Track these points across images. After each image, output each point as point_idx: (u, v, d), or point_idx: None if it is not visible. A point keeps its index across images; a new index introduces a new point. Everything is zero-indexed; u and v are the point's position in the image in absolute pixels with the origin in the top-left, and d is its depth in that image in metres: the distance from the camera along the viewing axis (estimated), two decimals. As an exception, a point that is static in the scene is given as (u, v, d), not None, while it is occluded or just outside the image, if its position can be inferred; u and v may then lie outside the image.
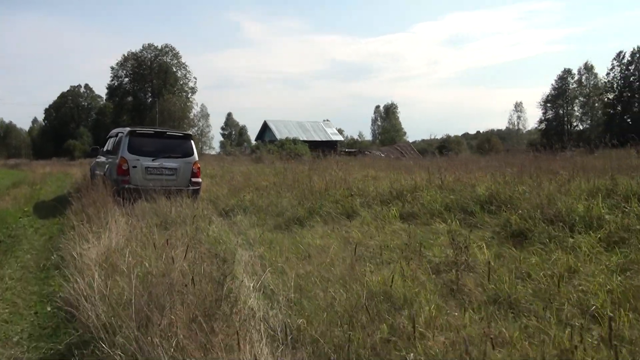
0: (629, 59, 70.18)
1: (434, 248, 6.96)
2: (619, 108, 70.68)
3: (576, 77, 79.76)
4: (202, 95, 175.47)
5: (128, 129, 12.45)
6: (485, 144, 68.08)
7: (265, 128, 64.86)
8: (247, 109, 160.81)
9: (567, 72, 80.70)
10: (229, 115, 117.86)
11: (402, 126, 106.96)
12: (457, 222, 8.47)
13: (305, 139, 57.17)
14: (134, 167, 11.80)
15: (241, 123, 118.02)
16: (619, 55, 71.64)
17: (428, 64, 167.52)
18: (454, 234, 6.98)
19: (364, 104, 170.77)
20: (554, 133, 72.87)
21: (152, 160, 11.94)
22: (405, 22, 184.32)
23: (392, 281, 5.19)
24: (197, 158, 12.63)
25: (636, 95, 68.60)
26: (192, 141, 12.83)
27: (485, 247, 6.65)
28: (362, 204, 10.47)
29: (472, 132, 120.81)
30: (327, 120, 72.10)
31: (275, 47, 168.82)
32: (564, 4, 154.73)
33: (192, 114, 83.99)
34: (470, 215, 8.96)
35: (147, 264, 5.53)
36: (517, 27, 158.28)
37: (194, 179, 12.39)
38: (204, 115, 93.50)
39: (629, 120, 67.99)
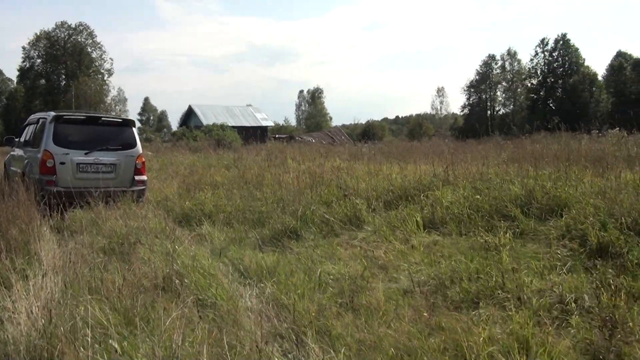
0: (553, 45, 71.63)
1: (533, 281, 4.92)
2: (542, 93, 72.16)
3: (499, 63, 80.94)
4: (118, 78, 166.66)
5: (53, 113, 9.65)
6: (417, 128, 67.81)
7: (190, 113, 60.97)
8: (166, 94, 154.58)
9: (491, 58, 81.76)
10: (146, 99, 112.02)
11: (328, 111, 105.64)
12: (507, 233, 6.48)
13: (234, 124, 54.06)
14: (62, 163, 9.09)
15: (160, 108, 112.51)
16: (543, 42, 73.06)
17: (347, 48, 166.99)
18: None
19: (287, 88, 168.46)
20: (477, 118, 73.78)
21: (85, 154, 9.25)
22: (322, 6, 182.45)
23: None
24: (140, 150, 10.04)
25: (559, 81, 70.16)
26: (134, 128, 10.20)
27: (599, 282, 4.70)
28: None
29: (391, 117, 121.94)
30: (250, 105, 69.24)
31: (192, 29, 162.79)
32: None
33: (109, 98, 78.14)
34: (509, 220, 7.06)
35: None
36: (439, 12, 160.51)
37: (138, 177, 9.81)
38: (122, 99, 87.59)
39: (552, 105, 69.56)
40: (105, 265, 5.40)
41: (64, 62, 75.98)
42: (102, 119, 9.94)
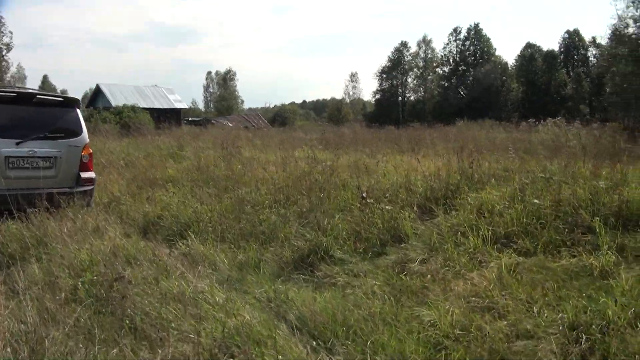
0: (465, 34, 72.84)
1: None
2: (453, 81, 73.29)
3: (412, 50, 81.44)
4: (14, 55, 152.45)
5: (-32, 90, 7.04)
6: (335, 112, 66.69)
7: (98, 93, 55.74)
8: (65, 72, 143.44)
9: (404, 44, 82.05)
10: (45, 78, 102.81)
11: (240, 94, 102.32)
12: (608, 252, 5.07)
13: (145, 105, 49.81)
14: (-16, 157, 6.64)
15: (60, 88, 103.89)
16: (456, 31, 74.11)
17: (253, 30, 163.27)
18: None
19: (190, 70, 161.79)
20: (388, 104, 74.15)
21: (17, 144, 6.85)
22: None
23: None
24: (87, 139, 7.72)
25: (471, 69, 71.48)
26: (78, 110, 7.82)
27: None
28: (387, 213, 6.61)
29: (299, 101, 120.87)
30: (156, 86, 65.05)
31: (92, 4, 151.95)
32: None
33: (8, 76, 70.26)
34: (587, 232, 5.67)
35: None
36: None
37: (85, 174, 7.51)
38: (21, 77, 79.40)
39: (463, 93, 70.81)
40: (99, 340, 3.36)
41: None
42: (37, 96, 7.42)
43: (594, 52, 63.60)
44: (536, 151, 10.76)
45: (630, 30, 23.58)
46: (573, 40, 65.28)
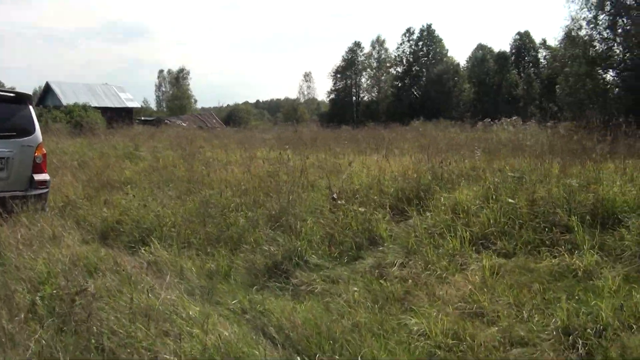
0: (418, 35, 73.61)
1: None
2: (406, 81, 73.96)
3: (366, 50, 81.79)
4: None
5: None
6: (291, 112, 66.27)
7: (47, 91, 53.59)
8: (11, 69, 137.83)
9: (357, 44, 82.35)
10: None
11: (193, 93, 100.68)
12: (590, 251, 4.97)
13: (97, 104, 48.23)
14: None
15: (7, 85, 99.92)
16: (409, 31, 74.82)
17: (206, 29, 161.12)
18: None
19: (142, 69, 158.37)
20: (342, 104, 74.43)
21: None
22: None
23: None
24: (40, 138, 7.19)
25: (424, 70, 72.31)
26: (30, 107, 7.28)
27: None
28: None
29: (252, 101, 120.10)
30: (107, 84, 63.29)
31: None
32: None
33: None
34: (565, 232, 5.57)
35: None
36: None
37: (38, 176, 6.98)
38: (-39, 74, 75.96)
39: (417, 93, 71.53)
40: None
41: None
42: (-15, 90, 6.82)
43: (544, 54, 65.30)
44: (499, 150, 10.76)
45: (583, 32, 24.18)
46: (524, 42, 66.74)
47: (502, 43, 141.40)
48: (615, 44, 23.78)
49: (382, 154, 10.88)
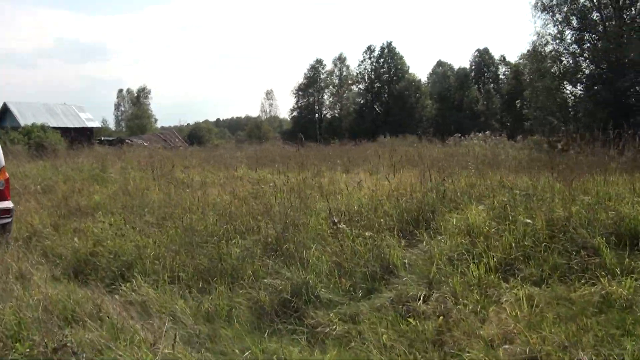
0: (379, 52, 74.07)
1: None
2: (369, 98, 74.25)
3: (328, 67, 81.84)
4: None
5: None
6: (255, 130, 65.40)
7: (5, 112, 51.47)
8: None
9: (319, 62, 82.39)
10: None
11: (153, 112, 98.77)
12: (628, 277, 4.50)
13: (56, 124, 46.60)
14: None
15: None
16: (369, 49, 75.24)
17: (163, 48, 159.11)
18: None
19: (100, 88, 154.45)
20: (305, 121, 74.23)
21: None
22: (135, 4, 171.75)
23: None
24: (3, 162, 6.40)
25: (385, 87, 72.70)
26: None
27: None
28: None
29: (212, 119, 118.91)
30: (66, 104, 61.43)
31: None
32: None
33: None
34: (591, 254, 5.10)
35: None
36: (260, 15, 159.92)
37: (1, 204, 6.19)
38: None
39: (379, 110, 71.82)
40: None
41: None
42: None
43: (503, 70, 66.54)
44: (488, 165, 10.39)
45: (550, 47, 24.38)
46: (483, 58, 67.88)
47: (462, 59, 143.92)
48: (582, 59, 24.07)
49: (368, 172, 10.35)
